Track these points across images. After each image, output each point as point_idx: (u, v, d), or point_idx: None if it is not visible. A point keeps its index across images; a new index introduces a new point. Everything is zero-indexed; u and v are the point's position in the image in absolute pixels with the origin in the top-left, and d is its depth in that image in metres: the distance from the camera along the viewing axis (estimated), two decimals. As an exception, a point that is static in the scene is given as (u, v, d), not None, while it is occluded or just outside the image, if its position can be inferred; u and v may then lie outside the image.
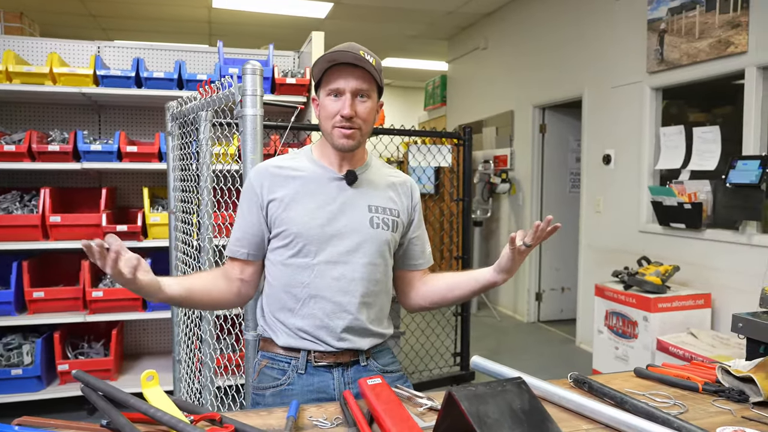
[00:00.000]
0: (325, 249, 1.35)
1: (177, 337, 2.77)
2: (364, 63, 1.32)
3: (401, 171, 1.59)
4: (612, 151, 4.53)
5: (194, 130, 2.38)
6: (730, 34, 3.44)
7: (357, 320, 1.37)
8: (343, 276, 1.36)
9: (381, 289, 1.43)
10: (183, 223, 2.67)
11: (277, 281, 1.39)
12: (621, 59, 4.41)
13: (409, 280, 1.54)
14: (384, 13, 6.57)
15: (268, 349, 1.42)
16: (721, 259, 3.52)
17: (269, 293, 1.41)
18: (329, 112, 1.35)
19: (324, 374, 1.37)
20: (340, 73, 1.33)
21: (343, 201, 1.38)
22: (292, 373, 1.37)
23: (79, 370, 1.08)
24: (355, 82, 1.33)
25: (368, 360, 1.42)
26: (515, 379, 0.95)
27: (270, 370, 1.40)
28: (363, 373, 1.38)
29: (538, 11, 5.62)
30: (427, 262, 1.56)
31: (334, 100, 1.34)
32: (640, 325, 3.45)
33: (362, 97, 1.35)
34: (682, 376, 1.31)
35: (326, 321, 1.35)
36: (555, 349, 4.94)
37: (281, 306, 1.38)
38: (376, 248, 1.39)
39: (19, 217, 3.23)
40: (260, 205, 1.39)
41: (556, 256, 5.80)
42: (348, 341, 1.36)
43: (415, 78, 10.52)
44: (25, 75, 3.22)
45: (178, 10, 6.50)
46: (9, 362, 3.24)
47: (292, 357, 1.38)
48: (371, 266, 1.39)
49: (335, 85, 1.33)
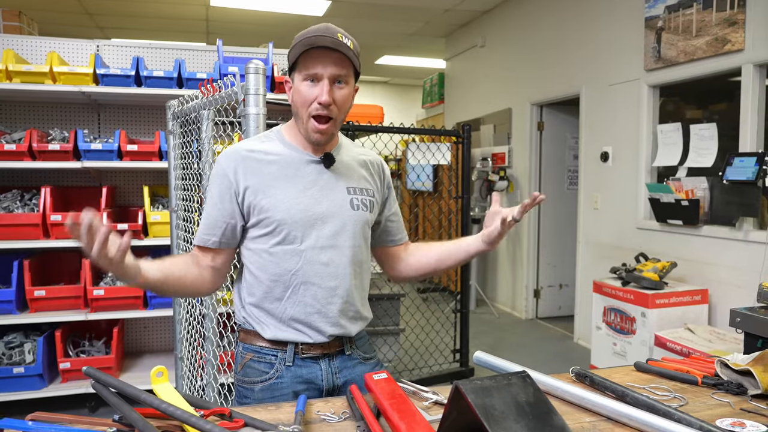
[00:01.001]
0: (311, 234, 1.33)
1: (179, 335, 2.79)
2: (343, 47, 1.27)
3: (369, 150, 1.59)
4: (610, 149, 4.56)
5: (195, 128, 2.39)
6: (727, 32, 3.46)
7: (348, 303, 1.38)
8: (331, 261, 1.35)
9: (365, 270, 1.44)
10: (185, 222, 2.69)
11: (261, 270, 1.35)
12: (618, 57, 4.43)
13: (393, 254, 1.57)
14: (381, 10, 6.58)
15: (252, 341, 1.39)
16: (718, 256, 3.55)
17: (252, 283, 1.37)
18: (305, 98, 1.30)
19: (312, 365, 1.36)
20: (318, 57, 1.27)
21: (323, 184, 1.36)
22: (279, 365, 1.35)
23: (89, 367, 1.10)
24: (333, 68, 1.28)
25: (352, 348, 1.43)
26: (520, 372, 0.97)
27: (256, 363, 1.37)
28: (347, 362, 1.41)
29: (535, 9, 5.64)
30: (405, 236, 1.59)
31: (310, 85, 1.29)
32: (638, 321, 3.48)
33: (339, 83, 1.30)
34: (682, 370, 1.33)
35: (319, 307, 1.34)
36: (553, 346, 4.97)
37: (267, 295, 1.35)
38: (359, 229, 1.39)
39: (20, 216, 3.24)
40: (234, 191, 1.34)
41: (553, 253, 5.83)
42: (340, 327, 1.37)
43: (412, 76, 10.54)
44: (24, 74, 3.22)
45: (176, 8, 6.50)
46: (11, 361, 3.26)
47: (279, 350, 1.36)
48: (356, 248, 1.39)
49: (313, 70, 1.28)
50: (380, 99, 11.09)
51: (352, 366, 1.42)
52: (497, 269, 6.44)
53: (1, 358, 3.25)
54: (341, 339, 1.40)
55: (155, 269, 1.27)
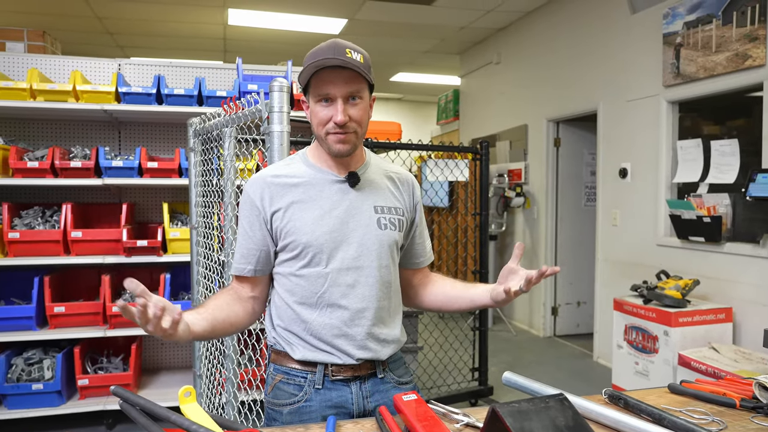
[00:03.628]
0: (336, 256, 1.32)
1: (198, 353, 2.78)
2: (352, 64, 1.25)
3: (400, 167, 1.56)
4: (628, 165, 4.52)
5: (217, 145, 2.41)
6: (748, 47, 3.44)
7: (376, 326, 1.35)
8: (357, 282, 1.33)
9: (394, 291, 1.41)
10: (205, 239, 2.69)
11: (289, 293, 1.35)
12: (636, 73, 4.42)
13: (409, 278, 1.53)
14: (397, 28, 6.63)
15: (282, 362, 1.37)
16: (742, 273, 3.49)
17: (279, 305, 1.37)
18: (321, 118, 1.30)
19: (342, 388, 1.33)
20: (329, 77, 1.26)
21: (348, 204, 1.35)
22: (309, 388, 1.33)
23: (117, 386, 1.09)
24: (345, 87, 1.27)
25: (385, 372, 1.39)
26: (558, 395, 0.95)
27: (285, 385, 1.35)
28: (380, 386, 1.37)
29: (550, 26, 5.65)
30: (428, 259, 1.55)
31: (324, 105, 1.29)
32: (661, 339, 3.42)
33: (354, 99, 1.29)
34: (718, 392, 1.30)
35: (345, 329, 1.32)
36: (572, 364, 4.90)
37: (295, 318, 1.34)
38: (386, 250, 1.37)
39: (42, 233, 3.27)
40: (263, 219, 1.34)
41: (571, 270, 5.77)
42: (369, 350, 1.34)
43: (427, 92, 10.57)
44: (48, 92, 3.27)
45: (194, 27, 6.60)
46: (30, 377, 3.26)
47: (309, 371, 1.34)
48: (384, 269, 1.36)
49: (325, 90, 1.27)
50: (394, 115, 11.13)
51: (385, 390, 1.38)
52: (514, 286, 6.37)
53: (21, 375, 3.25)
54: (372, 362, 1.37)
55: (201, 321, 1.27)
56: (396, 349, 1.41)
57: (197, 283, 2.80)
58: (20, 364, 3.28)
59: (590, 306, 5.29)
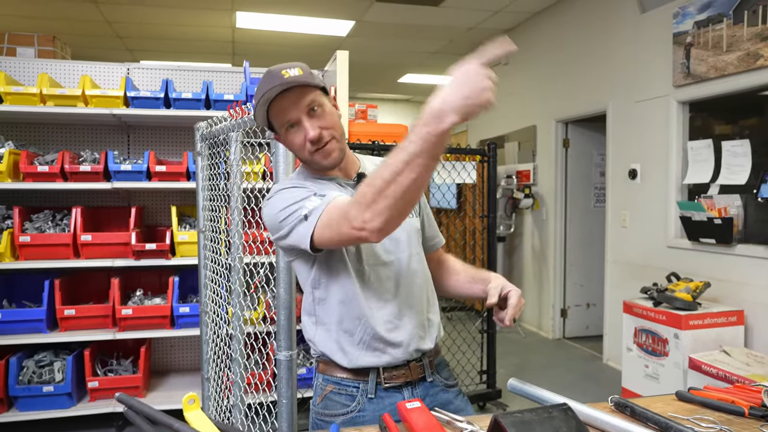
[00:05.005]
0: (372, 251, 1.34)
1: (206, 356, 2.79)
2: (293, 81, 1.26)
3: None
4: (638, 166, 4.49)
5: (224, 149, 2.41)
6: (759, 46, 3.40)
7: (423, 314, 1.38)
8: (398, 274, 1.36)
9: (427, 276, 1.44)
10: (212, 242, 2.70)
11: (334, 297, 1.33)
12: (646, 73, 4.38)
13: (430, 262, 1.54)
14: (404, 30, 6.63)
15: (332, 373, 1.36)
16: (754, 276, 3.45)
17: (324, 309, 1.35)
18: (297, 144, 1.31)
19: (395, 395, 1.34)
20: (281, 104, 1.28)
21: None
22: (361, 398, 1.33)
23: (122, 394, 1.09)
24: (299, 104, 1.27)
25: (433, 374, 1.41)
26: (561, 405, 0.94)
27: (337, 396, 1.35)
28: (430, 389, 1.39)
29: (558, 26, 5.62)
30: (441, 240, 1.57)
31: (294, 131, 1.30)
32: (671, 342, 3.39)
33: (314, 110, 1.29)
34: (726, 400, 1.28)
35: (396, 322, 1.34)
36: (582, 367, 4.87)
37: (342, 319, 1.32)
38: (415, 238, 1.41)
39: (52, 236, 3.30)
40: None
41: (580, 272, 5.73)
42: (422, 338, 1.36)
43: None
44: (58, 97, 3.30)
45: (203, 30, 6.63)
46: (41, 379, 3.29)
47: (361, 381, 1.34)
48: (417, 256, 1.40)
49: (285, 118, 1.29)
50: (402, 116, 11.12)
51: (434, 393, 1.40)
52: (523, 288, 6.36)
53: (32, 377, 3.28)
54: (422, 365, 1.38)
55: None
56: (438, 336, 1.43)
57: (205, 287, 2.81)
58: (31, 367, 3.31)
59: (600, 308, 5.26)
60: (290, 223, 1.24)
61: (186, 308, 3.38)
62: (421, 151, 1.00)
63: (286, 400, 1.74)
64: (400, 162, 1.01)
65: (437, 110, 0.98)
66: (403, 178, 1.02)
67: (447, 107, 0.97)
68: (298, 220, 1.22)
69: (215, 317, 2.66)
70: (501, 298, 1.32)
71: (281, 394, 1.75)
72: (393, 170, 1.02)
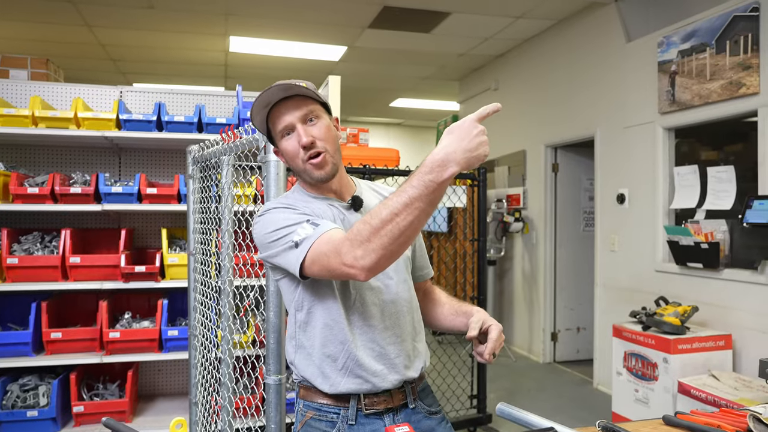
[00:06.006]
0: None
1: (194, 379, 2.76)
2: (295, 89, 1.31)
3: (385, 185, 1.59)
4: (626, 190, 4.54)
5: (215, 173, 2.43)
6: (742, 75, 3.48)
7: (408, 342, 1.37)
8: (383, 301, 1.35)
9: (416, 307, 1.44)
10: (202, 265, 2.70)
11: (318, 320, 1.33)
12: (633, 100, 4.46)
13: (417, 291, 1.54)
14: (396, 55, 6.72)
15: (312, 398, 1.36)
16: (741, 300, 3.48)
17: (307, 334, 1.34)
18: (291, 152, 1.34)
19: (375, 422, 1.33)
20: (280, 110, 1.33)
21: None
22: (342, 424, 1.32)
23: (109, 418, 1.09)
24: (297, 111, 1.32)
25: (416, 401, 1.40)
26: (547, 429, 0.94)
27: (317, 422, 1.34)
28: (412, 416, 1.38)
29: (548, 53, 5.72)
30: (430, 271, 1.58)
31: (289, 138, 1.34)
32: (660, 366, 3.40)
33: (311, 121, 1.33)
34: (713, 424, 1.29)
35: (378, 350, 1.33)
36: (572, 391, 4.85)
37: (325, 343, 1.32)
38: (403, 265, 1.41)
39: (40, 258, 3.27)
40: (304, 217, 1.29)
41: (570, 296, 5.75)
42: (403, 367, 1.35)
43: (426, 118, 10.67)
44: (50, 119, 3.30)
45: (196, 54, 6.69)
46: (25, 404, 3.24)
47: (341, 407, 1.33)
48: (404, 284, 1.40)
49: (282, 123, 1.33)
50: (394, 140, 11.21)
51: (417, 420, 1.39)
52: (513, 312, 6.36)
53: (16, 401, 3.23)
54: (404, 392, 1.37)
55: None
56: (423, 365, 1.42)
57: (194, 310, 2.79)
58: (15, 391, 3.25)
59: (590, 332, 5.27)
60: (280, 246, 1.26)
61: (175, 331, 3.35)
62: (420, 196, 1.05)
63: (274, 425, 1.73)
64: (400, 204, 1.06)
65: (440, 160, 1.04)
66: (401, 220, 1.07)
67: (450, 158, 1.04)
68: (288, 246, 1.24)
69: (204, 340, 2.64)
70: (481, 332, 1.32)
71: (270, 419, 1.74)
72: (392, 211, 1.07)
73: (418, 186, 1.05)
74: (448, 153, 1.05)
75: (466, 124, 1.07)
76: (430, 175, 1.04)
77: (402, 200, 1.06)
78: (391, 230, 1.07)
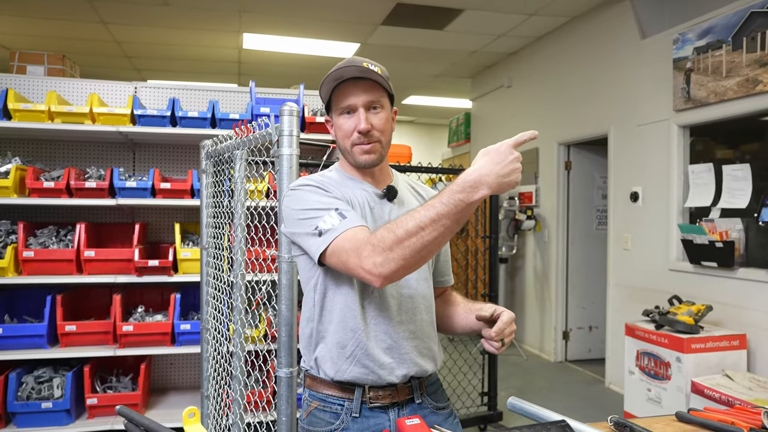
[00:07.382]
0: None
1: (206, 373, 2.78)
2: (370, 74, 1.31)
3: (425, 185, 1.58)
4: (639, 189, 4.51)
5: (228, 167, 2.44)
6: (758, 72, 3.44)
7: (422, 341, 1.36)
8: (401, 295, 1.34)
9: (432, 305, 1.43)
10: (215, 259, 2.71)
11: (333, 305, 1.32)
12: (647, 97, 4.42)
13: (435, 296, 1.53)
14: (409, 52, 6.71)
15: (318, 389, 1.36)
16: (756, 299, 3.44)
17: (324, 321, 1.33)
18: (345, 130, 1.34)
19: (380, 415, 1.32)
20: (349, 89, 1.32)
21: (387, 218, 1.35)
22: (346, 416, 1.31)
23: (123, 406, 1.10)
24: (365, 96, 1.32)
25: (422, 397, 1.38)
26: (559, 422, 0.94)
27: (321, 412, 1.33)
28: (418, 412, 1.36)
29: (561, 50, 5.69)
30: (451, 278, 1.56)
31: (348, 117, 1.34)
32: (673, 366, 3.37)
33: (375, 109, 1.34)
34: (726, 421, 1.28)
35: (390, 342, 1.31)
36: (584, 390, 4.83)
37: (338, 329, 1.30)
38: (426, 264, 1.39)
39: (55, 252, 3.31)
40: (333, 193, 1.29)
41: (582, 294, 5.72)
42: (414, 364, 1.33)
43: (439, 115, 10.65)
44: (66, 114, 3.34)
45: (210, 51, 6.72)
46: (39, 395, 3.28)
47: (346, 398, 1.32)
48: (425, 282, 1.39)
49: (346, 102, 1.33)
50: (407, 138, 11.20)
51: (423, 416, 1.34)
52: (525, 310, 6.34)
53: (31, 393, 3.27)
54: (410, 386, 1.36)
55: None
56: (435, 367, 1.41)
57: (206, 304, 2.81)
58: (30, 382, 3.30)
59: (602, 331, 5.24)
60: (305, 228, 1.26)
61: (187, 325, 3.38)
62: (449, 214, 1.07)
63: (285, 417, 1.74)
64: (427, 219, 1.08)
65: (473, 182, 1.06)
66: (426, 234, 1.08)
67: (483, 181, 1.06)
68: (312, 230, 1.24)
69: (216, 334, 2.66)
70: (493, 318, 1.29)
71: (281, 412, 1.75)
72: (418, 224, 1.08)
73: (448, 203, 1.07)
74: (482, 175, 1.06)
75: (503, 149, 1.08)
76: (461, 194, 1.06)
77: (429, 215, 1.07)
78: (414, 243, 1.08)
